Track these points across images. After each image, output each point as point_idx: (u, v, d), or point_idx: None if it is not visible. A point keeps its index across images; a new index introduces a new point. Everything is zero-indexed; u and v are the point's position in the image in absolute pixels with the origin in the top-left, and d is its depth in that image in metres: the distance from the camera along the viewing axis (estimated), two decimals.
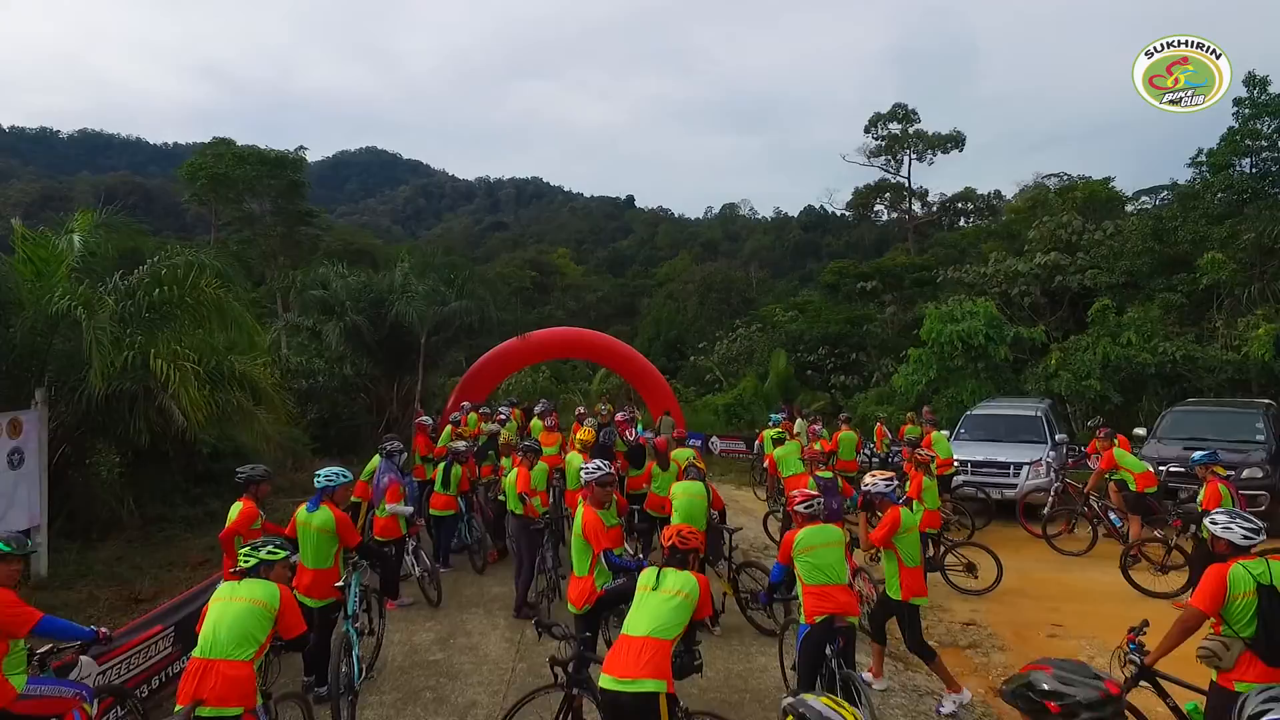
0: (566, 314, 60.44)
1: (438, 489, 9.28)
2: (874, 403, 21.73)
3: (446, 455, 9.57)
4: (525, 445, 8.66)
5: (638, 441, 10.46)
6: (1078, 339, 18.61)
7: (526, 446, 8.56)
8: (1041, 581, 9.13)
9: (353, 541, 6.19)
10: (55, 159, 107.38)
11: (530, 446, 8.56)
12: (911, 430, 14.55)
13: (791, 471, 10.00)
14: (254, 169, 28.63)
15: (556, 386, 36.49)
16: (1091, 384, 16.77)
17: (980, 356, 18.91)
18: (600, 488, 5.85)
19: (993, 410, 13.87)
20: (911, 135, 43.68)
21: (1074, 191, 27.91)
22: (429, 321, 18.65)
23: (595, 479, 5.87)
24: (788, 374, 27.46)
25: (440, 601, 8.19)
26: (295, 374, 19.25)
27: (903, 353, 29.34)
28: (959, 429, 13.42)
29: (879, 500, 6.14)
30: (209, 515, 13.30)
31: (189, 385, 10.34)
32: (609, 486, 5.95)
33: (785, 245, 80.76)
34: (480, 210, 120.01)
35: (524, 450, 8.50)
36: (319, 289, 18.61)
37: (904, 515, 5.92)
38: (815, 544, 5.27)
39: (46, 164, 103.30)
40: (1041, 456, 11.91)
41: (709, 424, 25.00)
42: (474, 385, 21.35)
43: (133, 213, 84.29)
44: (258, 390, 12.64)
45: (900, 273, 32.38)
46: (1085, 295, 23.85)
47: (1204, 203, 21.16)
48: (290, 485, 15.38)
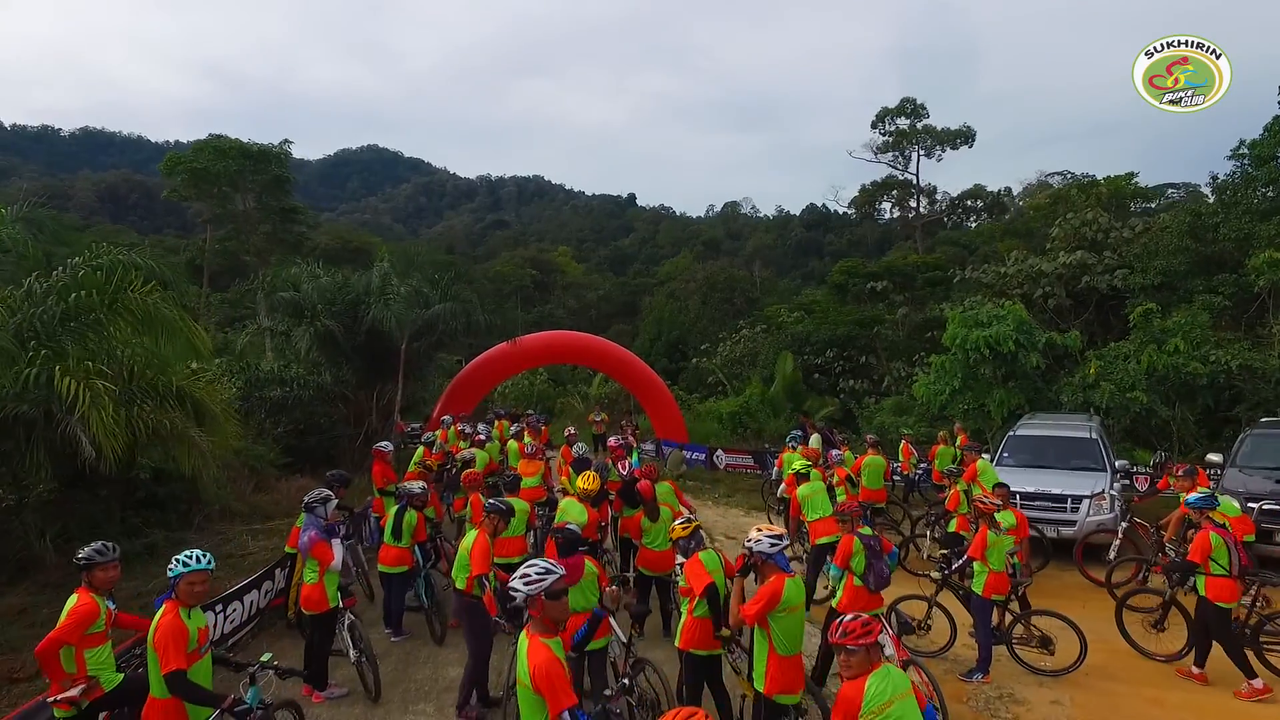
0: (567, 313, 58.81)
1: (387, 539, 7.47)
2: (891, 412, 19.91)
3: (399, 497, 7.75)
4: (492, 505, 6.37)
5: (632, 475, 8.66)
6: (1118, 346, 16.74)
7: (493, 506, 6.36)
8: (1132, 656, 7.30)
9: (170, 663, 4.06)
10: (56, 157, 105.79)
11: (497, 506, 6.37)
12: (944, 452, 12.74)
13: (818, 515, 8.20)
14: (236, 163, 26.80)
15: (554, 390, 34.75)
16: (1137, 396, 14.94)
17: (1009, 364, 17.07)
18: (552, 601, 3.66)
19: (1040, 430, 11.97)
20: (920, 131, 41.76)
21: (1097, 187, 26.01)
22: (409, 326, 16.88)
23: (543, 587, 3.63)
24: (795, 378, 25.64)
25: (378, 693, 6.35)
26: (266, 383, 17.45)
27: (915, 356, 27.67)
28: (1001, 453, 11.56)
29: (762, 563, 4.59)
30: (149, 549, 11.53)
31: (102, 407, 8.56)
32: (563, 598, 3.74)
33: (787, 244, 79.29)
34: (482, 208, 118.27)
35: (491, 509, 6.33)
36: (290, 290, 16.79)
37: (788, 588, 4.48)
38: (890, 697, 3.45)
39: (47, 162, 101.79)
40: (1104, 488, 10.07)
41: (712, 433, 23.18)
42: (461, 394, 19.58)
43: (133, 210, 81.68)
44: (199, 407, 10.87)
45: (911, 272, 30.50)
46: (1113, 297, 22.03)
47: (1247, 197, 19.27)
48: (248, 511, 13.61)
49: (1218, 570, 6.41)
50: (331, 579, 6.18)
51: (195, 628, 4.27)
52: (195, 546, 11.82)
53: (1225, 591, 6.40)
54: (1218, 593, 6.42)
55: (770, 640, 4.56)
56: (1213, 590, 6.45)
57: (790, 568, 4.68)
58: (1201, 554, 6.45)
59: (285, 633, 7.88)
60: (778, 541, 4.64)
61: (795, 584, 4.59)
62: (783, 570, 4.57)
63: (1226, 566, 6.39)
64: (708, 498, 15.10)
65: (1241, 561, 6.55)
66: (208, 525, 12.81)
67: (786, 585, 4.50)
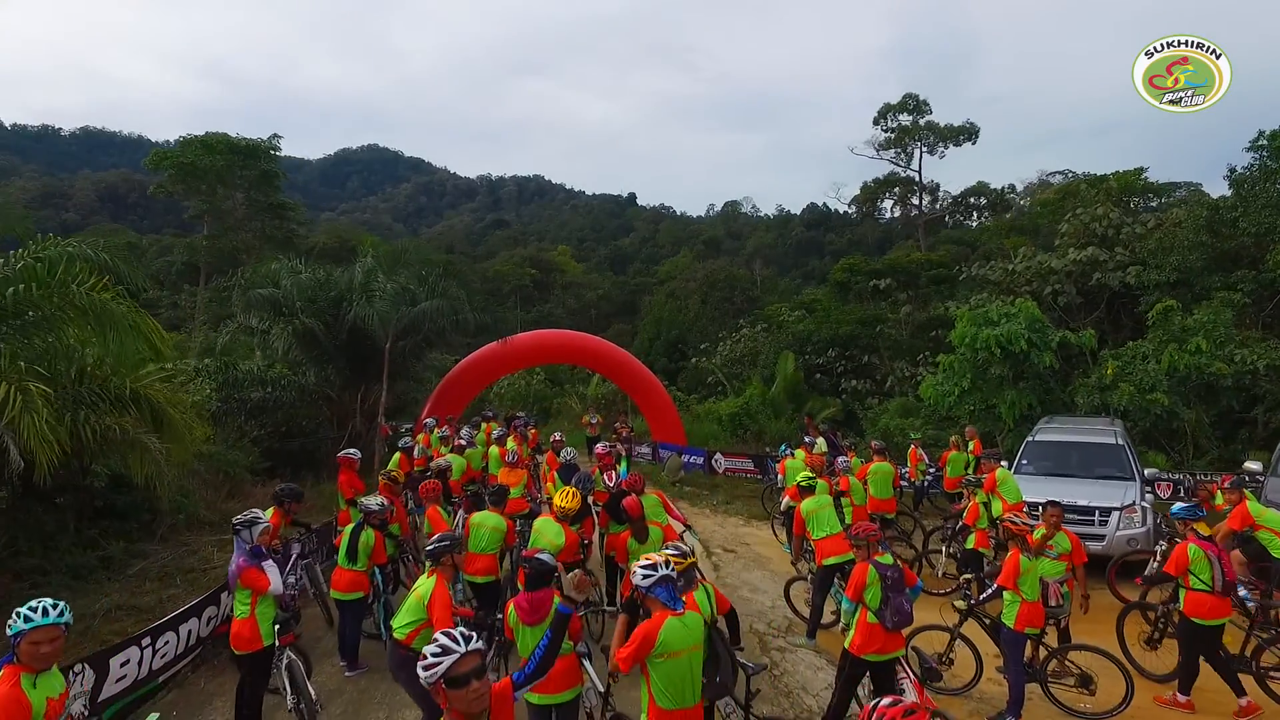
0: (566, 312, 57.98)
1: (341, 561, 6.59)
2: (897, 414, 19.01)
3: (360, 514, 6.86)
4: (433, 549, 5.01)
5: (620, 487, 7.78)
6: (1136, 345, 15.85)
7: (434, 550, 4.99)
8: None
9: None
10: (57, 156, 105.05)
11: (441, 546, 5.01)
12: (956, 458, 11.86)
13: (825, 532, 7.31)
14: (223, 158, 25.91)
15: (551, 390, 33.87)
16: (1158, 398, 14.05)
17: (1020, 364, 16.20)
18: (455, 691, 2.47)
19: (1061, 436, 11.07)
20: (922, 127, 40.86)
21: (1106, 182, 25.09)
22: (394, 324, 16.01)
23: (439, 674, 2.47)
24: (797, 379, 24.74)
25: None
26: (245, 384, 16.58)
27: (920, 356, 26.78)
28: (1019, 459, 10.66)
29: (646, 600, 3.87)
30: (104, 563, 10.69)
31: (35, 412, 7.70)
32: (471, 684, 2.47)
33: (788, 242, 78.49)
34: (482, 208, 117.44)
35: (433, 553, 4.97)
36: (269, 286, 15.91)
37: (667, 629, 3.70)
38: None
39: (48, 162, 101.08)
40: (1134, 499, 9.18)
41: (711, 434, 22.30)
42: (451, 395, 18.73)
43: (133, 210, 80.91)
44: (157, 411, 10.01)
45: (915, 270, 29.61)
46: (1124, 295, 21.16)
47: (1266, 191, 18.38)
48: (219, 520, 12.72)
49: (1197, 585, 6.04)
50: (265, 613, 5.30)
51: (42, 698, 3.33)
52: (157, 558, 10.90)
53: (1204, 608, 6.00)
54: (1196, 609, 6.04)
55: (650, 689, 3.78)
56: (1191, 606, 6.08)
57: (679, 604, 3.84)
58: (1178, 567, 6.11)
59: (229, 666, 7.01)
60: (651, 572, 3.84)
61: (680, 625, 3.76)
62: (666, 607, 3.77)
63: (1208, 581, 5.98)
64: (705, 505, 14.22)
65: (1227, 577, 6.04)
66: (172, 536, 11.94)
67: (666, 626, 3.71)
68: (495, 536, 7.05)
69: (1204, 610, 5.99)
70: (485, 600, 7.10)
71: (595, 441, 19.49)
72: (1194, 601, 6.04)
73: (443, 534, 5.26)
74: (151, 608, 8.86)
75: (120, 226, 69.34)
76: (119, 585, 10.06)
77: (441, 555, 4.99)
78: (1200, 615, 6.00)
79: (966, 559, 8.25)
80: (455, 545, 5.11)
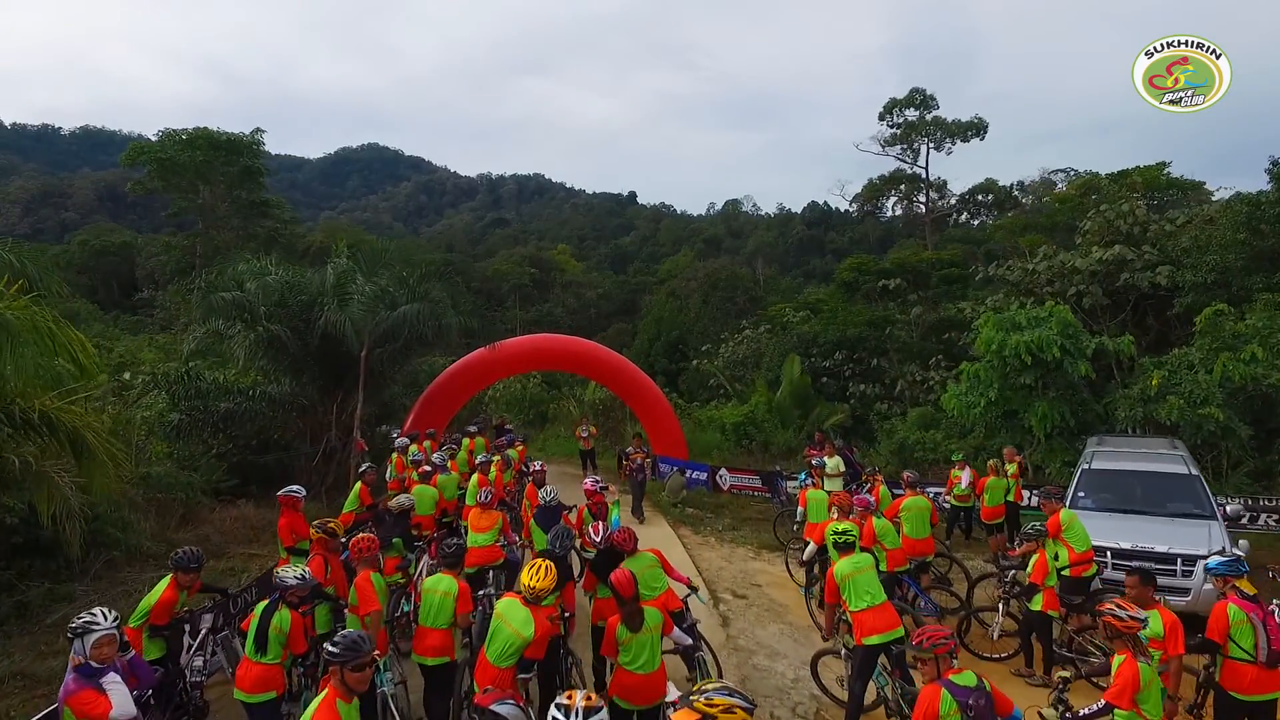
0: (566, 311, 56.51)
1: (248, 651, 5.04)
2: (916, 426, 17.42)
3: (273, 590, 5.28)
4: (330, 652, 3.59)
5: (609, 540, 6.23)
6: (1182, 353, 14.27)
7: (333, 653, 3.57)
8: None
9: None
10: (57, 155, 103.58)
11: (346, 648, 3.59)
12: (995, 484, 10.28)
13: (866, 603, 5.74)
14: (203, 154, 24.29)
15: (548, 394, 32.30)
16: (1212, 412, 12.47)
17: (1051, 372, 14.64)
18: None
19: (1122, 463, 9.43)
20: (929, 122, 39.20)
21: (1130, 177, 23.47)
22: (370, 330, 14.48)
23: None
24: (804, 383, 23.15)
25: None
26: (211, 394, 15.05)
27: (932, 359, 25.20)
28: (1075, 492, 9.07)
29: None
30: (20, 609, 9.20)
31: None
32: None
33: (789, 241, 77.17)
34: (482, 206, 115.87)
35: (335, 656, 3.56)
36: (234, 289, 14.37)
37: None
38: None
39: (48, 161, 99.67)
40: (1222, 543, 7.61)
41: (714, 444, 20.76)
42: (434, 406, 17.18)
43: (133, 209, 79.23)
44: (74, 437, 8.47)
45: (926, 269, 28.00)
46: (1151, 296, 19.55)
47: None
48: (165, 552, 11.16)
49: (1237, 653, 4.98)
50: None
51: None
52: (84, 601, 9.29)
53: (1245, 681, 4.94)
54: (1235, 681, 4.99)
55: None
56: (1228, 677, 5.04)
57: None
58: (1220, 631, 5.04)
59: None
60: None
61: None
62: None
63: (1250, 650, 4.92)
64: (709, 531, 12.66)
65: (1273, 646, 4.83)
66: (108, 573, 10.42)
67: None
68: (444, 607, 5.55)
69: (1245, 684, 4.95)
70: (438, 686, 5.58)
71: (590, 456, 18.03)
72: (1233, 672, 5.01)
73: (342, 636, 3.70)
74: (52, 677, 7.35)
75: (116, 225, 67.96)
76: (29, 640, 8.55)
77: (331, 664, 3.50)
78: (1240, 689, 4.97)
79: (1031, 623, 6.70)
80: (353, 654, 3.56)
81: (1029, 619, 6.73)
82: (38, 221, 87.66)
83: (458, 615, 5.61)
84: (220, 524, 12.60)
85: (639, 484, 14.07)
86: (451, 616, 5.59)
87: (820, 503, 8.96)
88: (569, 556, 6.84)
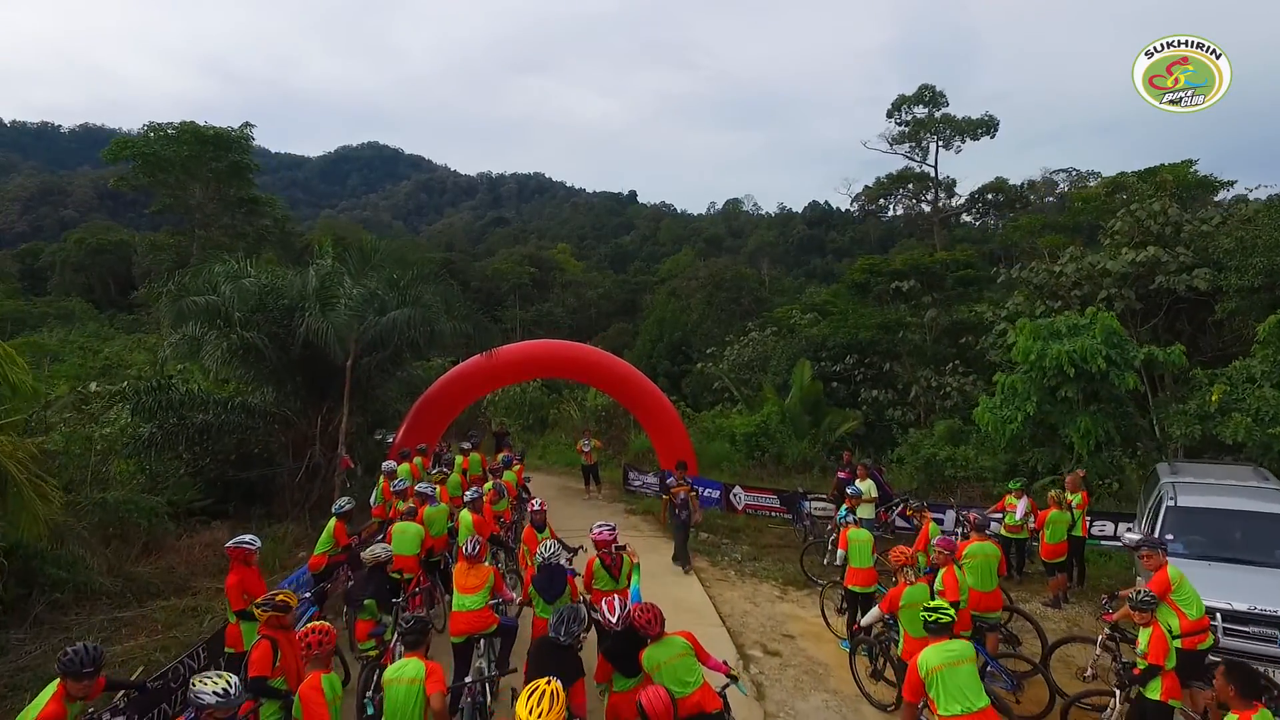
0: (566, 311, 55.13)
1: None
2: (944, 442, 16.07)
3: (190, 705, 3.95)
4: None
5: (626, 622, 4.88)
6: (1243, 364, 12.96)
7: None
8: None
9: None
10: (56, 153, 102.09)
11: None
12: (1057, 518, 8.96)
13: (962, 708, 4.41)
14: (189, 149, 22.90)
15: (549, 398, 30.97)
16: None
17: (1095, 384, 13.34)
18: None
19: (1216, 499, 7.99)
20: (938, 120, 37.87)
21: (1159, 174, 22.14)
22: (356, 337, 13.16)
23: None
24: (815, 389, 21.83)
25: None
26: (184, 406, 13.70)
27: (948, 364, 23.91)
28: (1161, 534, 7.76)
29: None
30: None
31: None
32: None
33: (789, 241, 75.99)
34: (482, 205, 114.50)
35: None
36: (207, 293, 13.03)
37: None
38: None
39: (47, 159, 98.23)
40: None
41: (724, 455, 19.43)
42: (429, 414, 15.84)
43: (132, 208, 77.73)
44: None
45: (940, 271, 26.68)
46: (1185, 300, 18.25)
47: None
48: (120, 589, 9.80)
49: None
50: None
51: None
52: (19, 654, 7.83)
53: None
54: None
55: None
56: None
57: None
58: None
59: None
60: None
61: None
62: None
63: None
64: (727, 562, 11.31)
65: None
66: (51, 616, 9.07)
67: None
68: (416, 694, 4.27)
69: None
70: None
71: (593, 471, 16.67)
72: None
73: None
74: None
75: (113, 224, 66.56)
76: None
77: None
78: None
79: (1148, 717, 5.36)
80: None
81: (1144, 711, 5.40)
82: (37, 219, 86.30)
83: (430, 699, 4.32)
84: (188, 552, 11.26)
85: (683, 524, 11.03)
86: (423, 710, 4.31)
87: (865, 545, 7.63)
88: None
